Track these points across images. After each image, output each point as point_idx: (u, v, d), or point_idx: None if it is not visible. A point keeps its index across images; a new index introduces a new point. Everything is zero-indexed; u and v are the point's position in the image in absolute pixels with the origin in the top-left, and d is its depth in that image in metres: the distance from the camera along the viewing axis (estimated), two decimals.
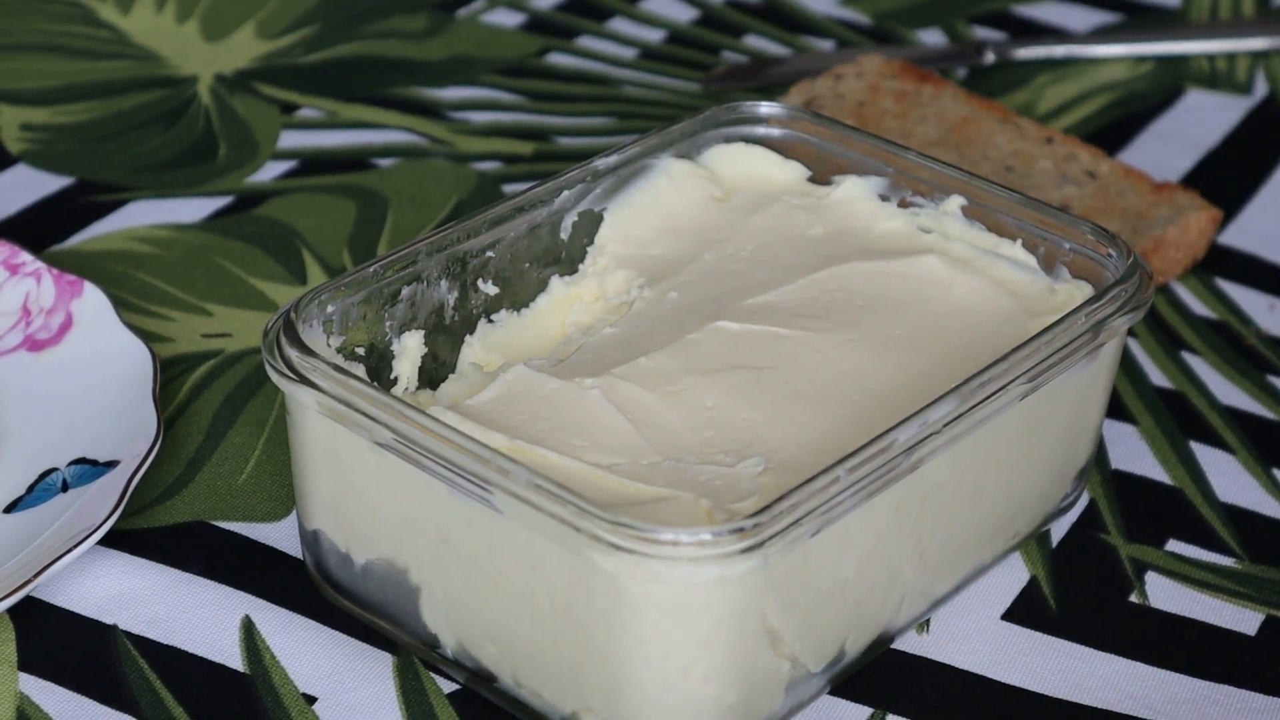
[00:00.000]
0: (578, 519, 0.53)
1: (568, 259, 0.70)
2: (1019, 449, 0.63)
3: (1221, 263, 0.84)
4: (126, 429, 0.66)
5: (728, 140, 0.73)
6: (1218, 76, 1.00)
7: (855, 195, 0.72)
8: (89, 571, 0.63)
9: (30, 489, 0.65)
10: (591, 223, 0.71)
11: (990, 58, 0.99)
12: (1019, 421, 0.62)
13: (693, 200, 0.72)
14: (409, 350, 0.65)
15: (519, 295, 0.69)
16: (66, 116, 0.91)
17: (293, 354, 0.59)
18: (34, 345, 0.71)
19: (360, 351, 0.64)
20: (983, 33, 1.03)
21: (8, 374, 0.70)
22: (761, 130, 0.74)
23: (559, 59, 0.98)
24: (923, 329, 0.65)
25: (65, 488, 0.65)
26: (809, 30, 1.03)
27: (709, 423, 0.62)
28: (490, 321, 0.68)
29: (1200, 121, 0.96)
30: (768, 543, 0.53)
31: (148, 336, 0.72)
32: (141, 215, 0.83)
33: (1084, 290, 0.66)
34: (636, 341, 0.65)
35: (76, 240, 0.82)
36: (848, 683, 0.61)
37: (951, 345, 0.65)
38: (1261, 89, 0.99)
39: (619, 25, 1.02)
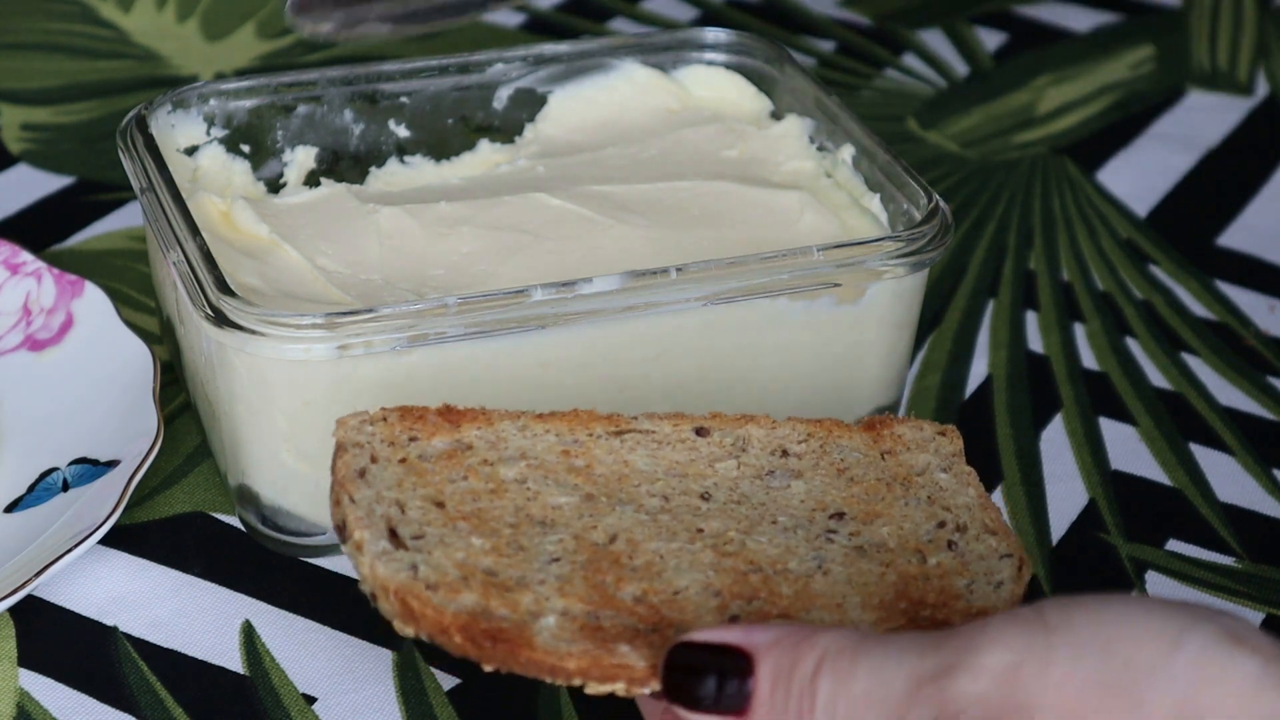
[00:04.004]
0: (197, 293, 0.60)
1: (503, 129, 0.75)
2: (709, 357, 0.65)
3: (1221, 263, 0.84)
4: (127, 428, 0.66)
5: (710, 64, 0.78)
6: (1218, 76, 1.00)
7: (789, 132, 0.75)
8: (89, 571, 0.63)
9: (31, 488, 0.65)
10: (534, 101, 0.76)
11: None
12: (707, 328, 0.64)
13: (646, 106, 0.77)
14: (298, 160, 0.73)
15: (438, 146, 0.75)
16: (67, 116, 0.91)
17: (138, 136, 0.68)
18: (34, 345, 0.71)
19: (246, 149, 0.72)
20: (983, 33, 1.04)
21: (8, 374, 0.70)
22: (746, 61, 0.78)
23: None
24: (729, 244, 0.68)
25: (66, 487, 0.65)
26: (809, 30, 1.03)
27: (448, 264, 0.67)
28: (403, 162, 0.74)
29: (1200, 121, 0.96)
30: (347, 338, 0.59)
31: (149, 336, 0.72)
32: (142, 215, 0.83)
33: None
34: (467, 191, 0.71)
35: (77, 240, 0.82)
36: None
37: None
38: (1262, 89, 0.99)
39: (619, 25, 1.02)
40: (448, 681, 0.60)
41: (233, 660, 0.61)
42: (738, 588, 0.53)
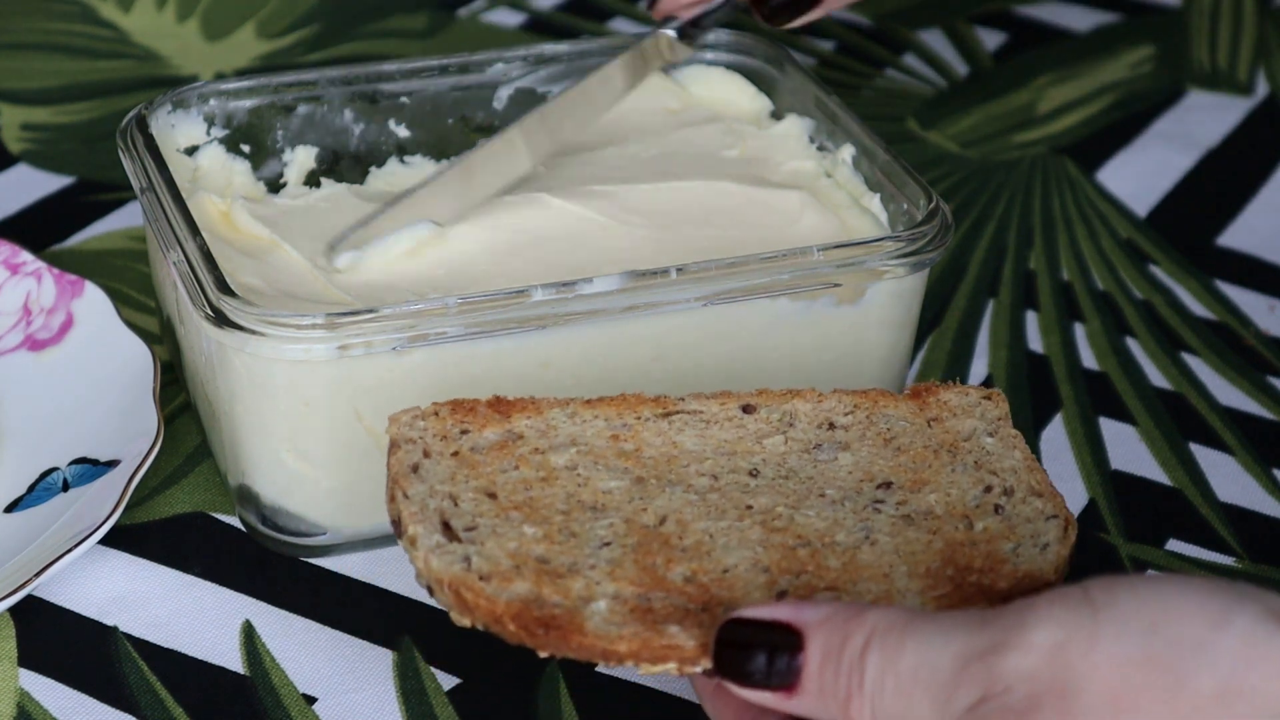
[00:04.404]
0: (197, 293, 0.60)
1: (503, 129, 0.74)
2: (709, 357, 0.65)
3: (1221, 263, 0.84)
4: (127, 428, 0.66)
5: (710, 64, 0.78)
6: (1218, 76, 1.00)
7: (789, 132, 0.75)
8: (89, 571, 0.63)
9: (31, 488, 0.65)
10: (534, 101, 0.76)
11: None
12: (707, 328, 0.64)
13: (645, 106, 0.76)
14: (298, 160, 0.73)
15: (438, 146, 0.75)
16: (67, 116, 0.91)
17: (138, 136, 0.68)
18: (34, 345, 0.71)
19: (246, 149, 0.72)
20: (983, 33, 1.04)
21: (8, 374, 0.70)
22: (747, 61, 0.78)
23: None
24: (729, 244, 0.68)
25: (66, 487, 0.65)
26: (809, 30, 1.03)
27: (446, 264, 0.67)
28: (403, 162, 0.74)
29: (1200, 121, 0.96)
30: (347, 338, 0.59)
31: (149, 336, 0.72)
32: (142, 215, 0.83)
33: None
34: (466, 189, 0.71)
35: (77, 240, 0.82)
36: None
37: None
38: (1262, 89, 0.99)
39: (619, 25, 1.02)
40: (448, 681, 0.60)
41: (233, 660, 0.61)
42: (785, 563, 0.53)
